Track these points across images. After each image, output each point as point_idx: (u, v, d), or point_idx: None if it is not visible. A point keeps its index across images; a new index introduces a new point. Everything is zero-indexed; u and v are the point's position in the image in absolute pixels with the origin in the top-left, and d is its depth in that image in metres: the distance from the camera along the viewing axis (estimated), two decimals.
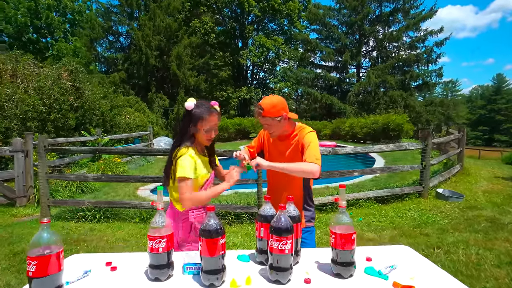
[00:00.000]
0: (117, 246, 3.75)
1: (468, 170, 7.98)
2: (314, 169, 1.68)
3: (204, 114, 1.66)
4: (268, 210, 1.44)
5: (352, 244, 1.32)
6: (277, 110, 1.77)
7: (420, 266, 1.42)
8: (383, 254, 1.55)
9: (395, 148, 5.47)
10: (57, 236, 1.12)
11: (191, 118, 1.67)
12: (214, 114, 1.68)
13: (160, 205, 1.30)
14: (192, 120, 1.67)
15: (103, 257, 1.52)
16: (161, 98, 20.88)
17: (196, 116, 1.66)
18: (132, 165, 9.77)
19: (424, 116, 23.21)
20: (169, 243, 1.30)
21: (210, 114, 1.67)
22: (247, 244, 3.74)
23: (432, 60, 23.26)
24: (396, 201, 5.50)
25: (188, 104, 1.67)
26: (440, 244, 3.63)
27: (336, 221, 1.34)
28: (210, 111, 1.67)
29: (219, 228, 1.26)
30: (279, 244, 1.25)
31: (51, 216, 4.79)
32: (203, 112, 1.66)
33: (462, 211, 4.93)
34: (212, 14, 26.78)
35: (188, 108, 1.67)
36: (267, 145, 2.01)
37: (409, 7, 23.49)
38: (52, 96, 8.59)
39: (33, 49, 26.04)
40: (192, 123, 1.67)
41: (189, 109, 1.67)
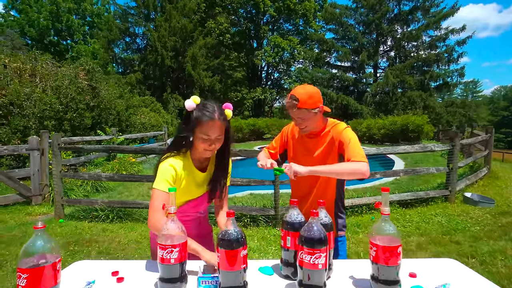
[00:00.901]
0: (129, 248, 3.63)
1: (496, 173, 7.53)
2: (364, 169, 1.45)
3: (203, 118, 1.33)
4: (296, 216, 1.25)
5: (397, 259, 1.11)
6: (314, 101, 1.55)
7: (477, 285, 1.20)
8: (429, 269, 1.33)
9: (419, 149, 5.16)
10: (53, 243, 0.96)
11: (188, 121, 1.38)
12: (215, 121, 1.34)
13: (172, 209, 1.13)
14: (189, 123, 1.37)
15: (109, 265, 1.36)
16: (176, 98, 20.99)
17: (193, 119, 1.35)
18: (147, 165, 9.75)
19: (445, 117, 22.40)
20: (183, 253, 1.12)
21: (211, 120, 1.33)
22: (263, 249, 3.55)
23: (453, 60, 22.45)
24: (421, 205, 5.18)
25: (189, 104, 1.36)
26: (475, 254, 3.34)
27: (378, 231, 1.13)
28: (211, 117, 1.33)
29: (241, 237, 1.07)
30: (311, 258, 1.05)
31: (65, 215, 4.74)
32: (203, 116, 1.34)
33: (494, 218, 4.58)
34: (227, 14, 26.81)
35: (188, 109, 1.37)
36: (292, 143, 1.79)
37: (429, 5, 22.74)
38: (69, 95, 8.67)
39: (54, 51, 26.80)
40: (189, 127, 1.37)
41: (190, 109, 1.37)
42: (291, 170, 1.45)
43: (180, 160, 1.40)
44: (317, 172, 1.49)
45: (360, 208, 4.90)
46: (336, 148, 1.60)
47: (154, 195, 1.33)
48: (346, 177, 1.52)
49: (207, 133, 1.34)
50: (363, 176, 1.47)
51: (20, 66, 8.53)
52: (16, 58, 8.78)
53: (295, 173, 1.46)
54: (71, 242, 3.73)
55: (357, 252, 3.39)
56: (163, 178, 1.34)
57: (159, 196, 1.32)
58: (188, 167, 1.42)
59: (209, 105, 1.37)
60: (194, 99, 1.38)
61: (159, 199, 1.31)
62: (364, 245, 3.63)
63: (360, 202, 4.82)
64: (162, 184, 1.33)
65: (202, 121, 1.33)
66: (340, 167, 1.49)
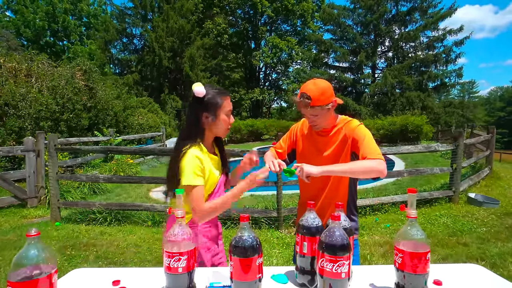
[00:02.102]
0: (128, 251, 3.52)
1: (497, 173, 7.48)
2: (381, 167, 1.36)
3: (222, 96, 1.40)
4: (313, 220, 1.15)
5: (425, 266, 1.02)
6: (327, 97, 1.45)
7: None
8: (453, 276, 1.24)
9: (423, 149, 5.09)
10: (48, 252, 0.86)
11: (205, 106, 1.37)
12: (228, 95, 1.45)
13: (179, 213, 1.03)
14: (206, 108, 1.37)
15: (109, 273, 1.26)
16: (174, 99, 20.86)
17: (211, 102, 1.37)
18: (145, 166, 9.62)
19: (443, 117, 22.44)
20: (191, 261, 1.02)
21: (226, 96, 1.43)
22: (267, 252, 3.45)
23: (451, 60, 22.50)
24: (425, 206, 5.11)
25: (199, 89, 1.36)
26: (484, 256, 3.26)
27: (404, 236, 1.04)
28: (224, 93, 1.43)
29: (256, 244, 0.98)
30: (333, 266, 0.96)
31: (61, 218, 4.61)
32: (221, 95, 1.40)
33: (500, 218, 4.51)
34: (225, 15, 26.71)
35: (200, 95, 1.37)
36: (302, 142, 1.69)
37: (427, 6, 22.80)
38: (65, 95, 8.52)
39: (50, 52, 26.58)
40: (208, 112, 1.37)
41: (201, 95, 1.37)
42: (303, 172, 1.35)
43: (198, 150, 1.37)
44: (331, 172, 1.39)
45: (364, 209, 4.82)
46: (349, 146, 1.50)
47: (191, 193, 1.32)
48: (361, 176, 1.41)
49: (229, 109, 1.42)
50: (380, 175, 1.38)
51: (15, 66, 8.39)
52: (11, 58, 8.62)
53: (308, 174, 1.35)
54: (68, 246, 3.61)
55: (364, 255, 3.30)
56: (193, 172, 1.32)
57: (196, 193, 1.32)
58: (206, 154, 1.41)
59: (213, 86, 1.44)
60: (199, 84, 1.39)
61: (197, 196, 1.32)
62: (370, 247, 3.55)
63: (363, 203, 4.73)
64: (194, 179, 1.32)
65: (222, 99, 1.39)
66: (355, 165, 1.40)
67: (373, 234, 3.99)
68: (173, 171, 1.35)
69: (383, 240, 3.76)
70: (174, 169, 1.35)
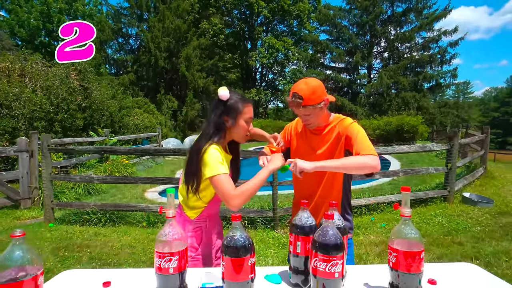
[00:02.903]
0: (122, 252, 3.49)
1: (492, 173, 7.54)
2: (375, 162, 1.36)
3: (245, 103, 1.43)
4: (306, 219, 1.14)
5: (419, 265, 1.01)
6: (318, 95, 1.45)
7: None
8: (448, 275, 1.23)
9: (419, 149, 5.10)
10: (33, 254, 0.84)
11: (227, 110, 1.41)
12: (250, 103, 1.47)
13: (170, 213, 1.01)
14: (228, 112, 1.41)
15: (100, 274, 1.24)
16: (170, 99, 20.77)
17: (233, 107, 1.41)
18: (140, 167, 9.56)
19: (438, 118, 22.59)
20: (182, 262, 1.01)
21: (248, 103, 1.45)
22: (262, 252, 3.43)
23: (446, 61, 22.64)
24: (420, 206, 5.12)
25: (224, 93, 1.40)
26: (478, 255, 3.27)
27: (398, 235, 1.03)
28: (246, 101, 1.45)
29: (248, 244, 0.96)
30: (327, 266, 0.95)
31: (55, 219, 4.56)
32: (243, 101, 1.43)
33: (494, 217, 4.54)
34: (221, 15, 26.67)
35: (224, 98, 1.40)
36: (296, 140, 1.69)
37: (422, 7, 22.92)
38: (59, 95, 8.45)
39: (45, 52, 26.32)
40: (229, 116, 1.41)
41: (225, 99, 1.40)
42: (297, 167, 1.36)
43: (218, 146, 1.40)
44: (324, 168, 1.39)
45: (359, 209, 4.82)
46: (343, 144, 1.51)
47: (219, 181, 1.31)
48: (355, 171, 1.41)
49: (249, 116, 1.45)
50: (373, 170, 1.38)
51: (8, 65, 8.29)
52: (4, 58, 8.53)
53: (301, 169, 1.36)
54: (61, 247, 3.57)
55: (359, 255, 3.30)
56: (218, 162, 1.34)
57: (224, 180, 1.31)
58: (223, 153, 1.43)
59: (238, 92, 1.48)
60: (225, 88, 1.42)
61: (226, 182, 1.31)
62: (365, 247, 3.54)
63: (359, 203, 4.74)
64: (220, 168, 1.32)
65: (244, 106, 1.42)
66: (349, 161, 1.39)
67: (369, 233, 3.99)
68: (194, 167, 1.36)
69: (378, 239, 3.76)
70: (195, 165, 1.36)
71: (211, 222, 1.48)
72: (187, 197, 1.42)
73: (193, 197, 1.41)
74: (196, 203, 1.42)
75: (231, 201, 1.29)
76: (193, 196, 1.40)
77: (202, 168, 1.33)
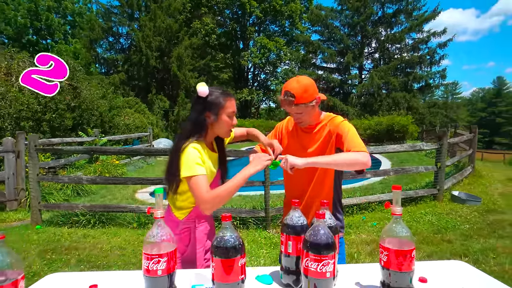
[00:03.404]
0: (112, 254, 3.43)
1: (479, 172, 7.68)
2: (365, 159, 1.36)
3: (226, 97, 1.40)
4: (298, 218, 1.12)
5: (411, 264, 1.01)
6: (310, 94, 1.45)
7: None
8: (438, 273, 1.24)
9: (409, 148, 5.16)
10: (14, 258, 0.80)
11: (208, 106, 1.38)
12: (232, 97, 1.43)
13: (159, 213, 0.99)
14: (209, 108, 1.37)
15: (87, 277, 1.20)
16: (161, 99, 20.60)
17: (214, 102, 1.38)
18: (131, 167, 9.45)
19: (428, 117, 22.94)
20: (171, 263, 0.98)
21: (229, 98, 1.41)
22: (254, 252, 3.42)
23: (435, 62, 23.04)
24: (410, 205, 5.18)
25: (203, 89, 1.36)
26: (467, 252, 3.31)
27: (390, 233, 1.03)
28: (228, 95, 1.42)
29: (238, 244, 0.95)
30: (318, 265, 0.94)
31: (43, 221, 4.46)
32: (224, 96, 1.40)
33: (482, 215, 4.61)
34: (213, 15, 26.55)
35: (203, 94, 1.37)
36: (287, 138, 1.68)
37: (411, 8, 23.28)
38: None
39: (32, 50, 25.83)
40: (211, 111, 1.38)
41: (204, 95, 1.37)
42: (287, 163, 1.35)
43: (199, 144, 1.37)
44: (315, 164, 1.38)
45: (351, 208, 4.85)
46: (334, 142, 1.52)
47: (194, 183, 1.28)
48: (346, 167, 1.41)
49: (232, 110, 1.41)
50: (364, 166, 1.39)
51: None
52: None
53: (292, 165, 1.35)
54: (49, 249, 3.49)
55: (351, 254, 3.31)
56: (195, 163, 1.30)
57: (199, 182, 1.28)
58: (206, 149, 1.41)
59: (219, 87, 1.46)
60: (203, 84, 1.39)
61: (201, 184, 1.27)
62: (357, 246, 3.56)
63: (350, 202, 4.76)
64: (197, 169, 1.29)
65: (226, 101, 1.39)
66: (340, 157, 1.40)
67: (360, 232, 4.01)
68: (174, 167, 1.33)
69: (370, 238, 3.78)
70: (175, 165, 1.33)
71: (201, 223, 1.45)
72: (173, 198, 1.39)
73: (180, 198, 1.38)
74: (183, 204, 1.40)
75: (203, 205, 1.27)
76: (180, 197, 1.38)
77: (181, 167, 1.31)
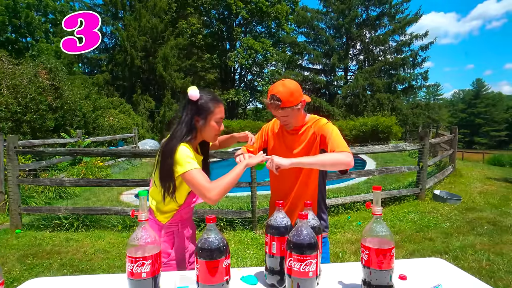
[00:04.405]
0: (96, 258, 3.37)
1: (460, 171, 7.93)
2: (349, 159, 1.40)
3: (216, 103, 1.42)
4: (282, 219, 1.14)
5: (390, 262, 1.04)
6: (296, 97, 1.49)
7: (468, 285, 1.16)
8: (417, 270, 1.28)
9: (392, 148, 5.28)
10: None
11: (198, 110, 1.39)
12: (221, 103, 1.47)
13: (143, 216, 0.99)
14: (199, 112, 1.39)
15: (69, 282, 1.19)
16: (147, 100, 20.33)
17: (204, 107, 1.40)
18: (116, 169, 9.28)
19: (411, 118, 23.48)
20: (156, 266, 0.98)
21: (219, 104, 1.44)
22: (241, 253, 3.42)
23: (418, 64, 23.58)
24: (394, 204, 5.30)
25: (194, 92, 1.38)
26: (447, 250, 3.42)
27: (370, 233, 1.06)
28: (218, 101, 1.44)
29: (223, 246, 0.96)
30: (301, 265, 0.96)
31: (23, 225, 4.33)
32: (215, 101, 1.42)
33: (462, 213, 4.77)
34: (199, 15, 26.40)
35: (194, 98, 1.39)
36: (272, 140, 1.71)
37: (394, 11, 23.78)
38: (28, 95, 8.04)
39: (11, 49, 25.00)
40: (200, 116, 1.40)
41: (195, 99, 1.39)
42: (273, 163, 1.37)
43: (187, 144, 1.39)
44: (300, 164, 1.41)
45: (336, 208, 4.92)
46: (318, 144, 1.55)
47: (193, 176, 1.28)
48: (330, 167, 1.45)
49: (220, 116, 1.43)
50: (347, 166, 1.43)
51: None
52: None
53: (278, 165, 1.38)
54: (29, 254, 3.39)
55: (336, 253, 3.36)
56: (189, 157, 1.32)
57: (197, 174, 1.29)
58: (192, 152, 1.41)
59: (211, 91, 1.48)
60: (195, 88, 1.40)
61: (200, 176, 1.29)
62: (342, 245, 3.62)
63: (335, 202, 4.83)
64: (192, 163, 1.31)
65: (215, 107, 1.41)
66: (324, 157, 1.43)
67: (345, 232, 4.08)
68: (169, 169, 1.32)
69: (354, 237, 3.85)
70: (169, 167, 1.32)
71: (184, 227, 1.45)
72: (163, 201, 1.38)
73: (166, 200, 1.38)
74: (167, 207, 1.39)
75: (208, 194, 1.26)
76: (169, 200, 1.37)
77: (175, 167, 1.32)
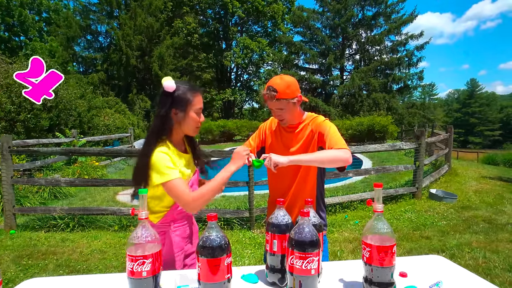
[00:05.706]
0: (92, 258, 3.33)
1: (455, 170, 7.99)
2: (347, 155, 1.40)
3: (193, 92, 1.34)
4: (283, 217, 1.14)
5: (392, 259, 1.04)
6: (292, 90, 1.49)
7: (467, 282, 1.17)
8: (418, 267, 1.28)
9: (389, 147, 5.30)
10: None
11: (174, 102, 1.30)
12: (200, 93, 1.37)
13: (143, 214, 0.97)
14: (176, 104, 1.30)
15: (66, 281, 1.17)
16: (143, 99, 20.24)
17: (182, 98, 1.31)
18: (111, 169, 9.21)
19: (406, 118, 23.61)
20: (156, 265, 0.97)
21: (197, 93, 1.36)
22: (239, 253, 3.41)
23: (413, 64, 23.72)
24: (391, 203, 5.32)
25: (169, 83, 1.29)
26: (444, 248, 3.44)
27: (371, 230, 1.06)
28: (195, 90, 1.36)
29: (224, 244, 0.95)
30: (303, 263, 0.95)
31: (17, 225, 4.28)
32: (192, 91, 1.33)
33: (458, 212, 4.80)
34: (195, 14, 26.31)
35: (170, 90, 1.29)
36: (270, 138, 1.70)
37: (390, 11, 23.90)
38: (22, 94, 7.94)
39: (5, 48, 24.76)
40: (178, 108, 1.31)
41: (171, 90, 1.30)
42: (271, 161, 1.36)
43: (166, 148, 1.31)
44: (298, 161, 1.41)
45: (334, 207, 4.93)
46: (316, 141, 1.55)
47: (173, 186, 1.23)
48: (328, 164, 1.45)
49: (199, 106, 1.35)
50: (345, 163, 1.42)
51: None
52: None
53: (276, 163, 1.36)
54: (24, 255, 3.35)
55: (334, 252, 3.37)
56: (167, 167, 1.25)
57: (178, 184, 1.24)
58: (175, 152, 1.35)
59: (186, 81, 1.40)
60: (169, 78, 1.31)
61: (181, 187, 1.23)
62: (339, 244, 3.62)
63: (333, 201, 4.84)
64: (171, 173, 1.24)
65: (193, 96, 1.33)
66: (322, 154, 1.43)
67: (343, 230, 4.09)
68: (144, 171, 1.27)
69: (352, 236, 3.86)
70: (144, 169, 1.27)
71: (179, 226, 1.39)
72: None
73: (153, 202, 1.34)
74: (156, 208, 1.35)
75: (190, 205, 1.23)
76: (153, 201, 1.34)
77: (151, 173, 1.25)
